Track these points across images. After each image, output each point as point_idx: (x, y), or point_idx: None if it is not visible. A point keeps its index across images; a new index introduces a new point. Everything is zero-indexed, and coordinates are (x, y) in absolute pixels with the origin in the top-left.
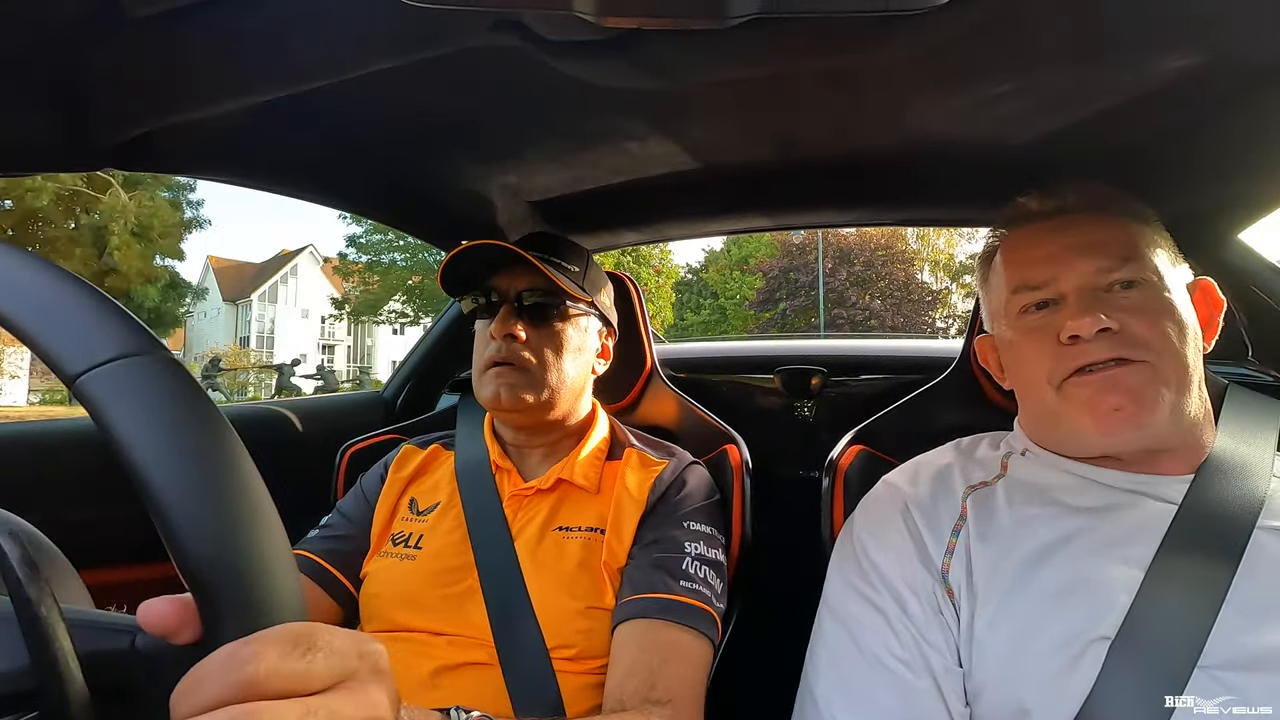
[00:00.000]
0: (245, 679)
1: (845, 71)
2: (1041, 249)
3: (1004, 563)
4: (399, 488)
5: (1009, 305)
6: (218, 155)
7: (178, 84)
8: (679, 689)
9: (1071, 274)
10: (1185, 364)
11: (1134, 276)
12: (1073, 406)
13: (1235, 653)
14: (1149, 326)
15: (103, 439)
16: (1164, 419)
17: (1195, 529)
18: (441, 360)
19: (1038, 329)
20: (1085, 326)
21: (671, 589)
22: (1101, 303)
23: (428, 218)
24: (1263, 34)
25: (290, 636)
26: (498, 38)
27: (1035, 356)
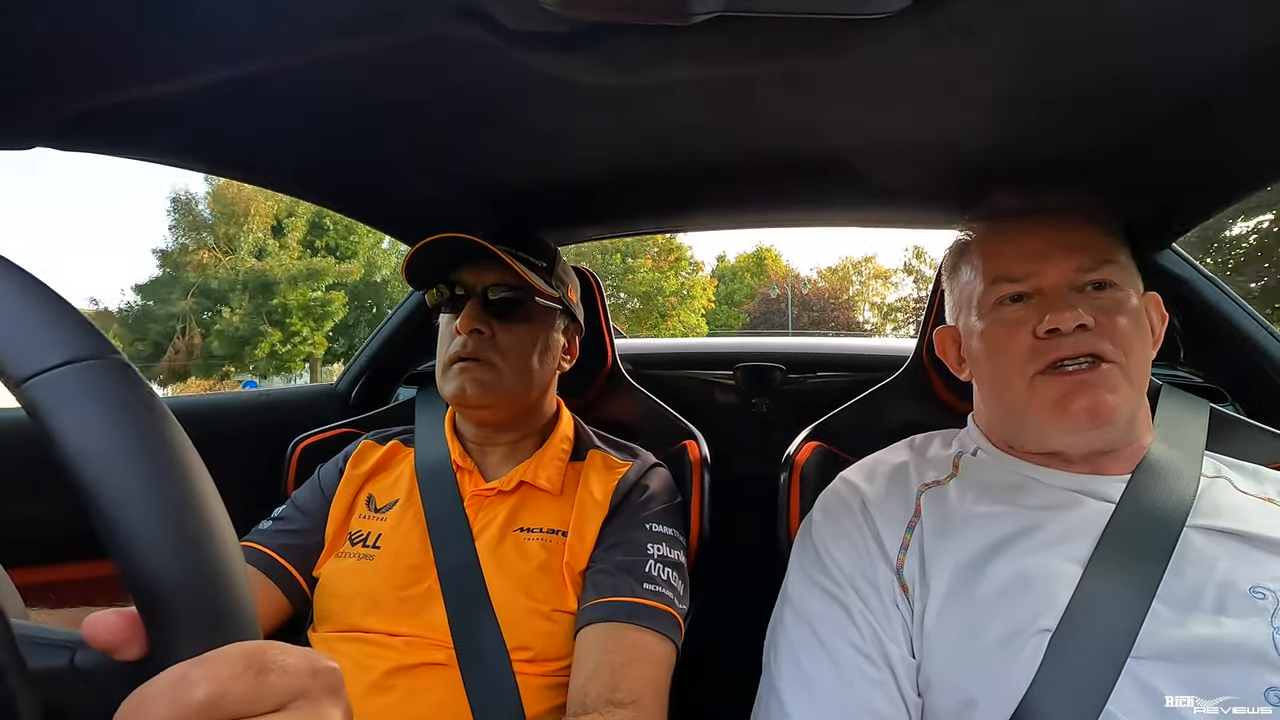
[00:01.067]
0: (196, 702)
1: (805, 74)
2: (1023, 244)
3: (954, 559)
4: (357, 483)
5: (984, 296)
6: (162, 137)
7: (118, 60)
8: (642, 690)
9: (1052, 270)
10: (1144, 368)
11: (1107, 278)
12: (1041, 402)
13: (1163, 645)
14: (1120, 327)
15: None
16: (1123, 421)
17: (1130, 527)
18: (399, 353)
19: (1014, 321)
20: (1065, 320)
21: (635, 592)
22: (1077, 300)
23: (388, 209)
24: (1196, 54)
25: (242, 656)
26: (458, 25)
27: (1009, 348)
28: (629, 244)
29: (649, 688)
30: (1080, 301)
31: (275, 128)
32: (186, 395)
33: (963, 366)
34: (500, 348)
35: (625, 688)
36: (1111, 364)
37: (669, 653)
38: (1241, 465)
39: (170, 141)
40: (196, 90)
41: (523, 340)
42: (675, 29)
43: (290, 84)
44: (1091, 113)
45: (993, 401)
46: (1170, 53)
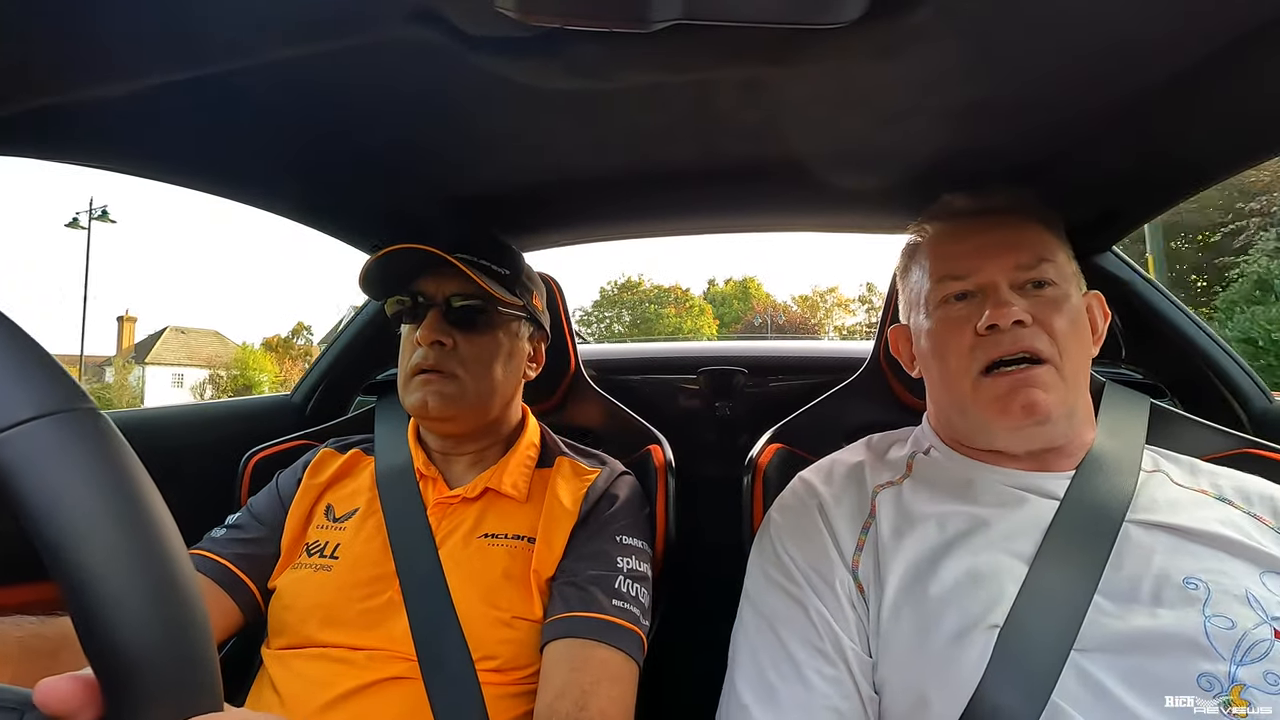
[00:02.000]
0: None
1: (762, 81)
2: (967, 243)
3: (907, 558)
4: (315, 493)
5: (931, 294)
6: (106, 142)
7: (60, 61)
8: (610, 710)
9: (993, 267)
10: (1082, 366)
11: (1046, 277)
12: (984, 400)
13: (1105, 637)
14: (1056, 325)
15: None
16: (1061, 418)
17: (1074, 523)
18: (356, 362)
19: (958, 319)
20: (1003, 317)
21: (604, 609)
22: (1017, 298)
23: (345, 217)
24: (1134, 62)
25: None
26: (416, 30)
27: (954, 346)
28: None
29: (617, 708)
30: (1019, 299)
31: (222, 133)
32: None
33: (914, 363)
34: (463, 359)
35: (594, 707)
36: (1047, 363)
37: (634, 672)
38: (1178, 459)
39: (116, 148)
40: (139, 94)
41: (486, 351)
42: (634, 35)
43: (243, 87)
44: (1036, 119)
45: (941, 397)
46: (1109, 61)
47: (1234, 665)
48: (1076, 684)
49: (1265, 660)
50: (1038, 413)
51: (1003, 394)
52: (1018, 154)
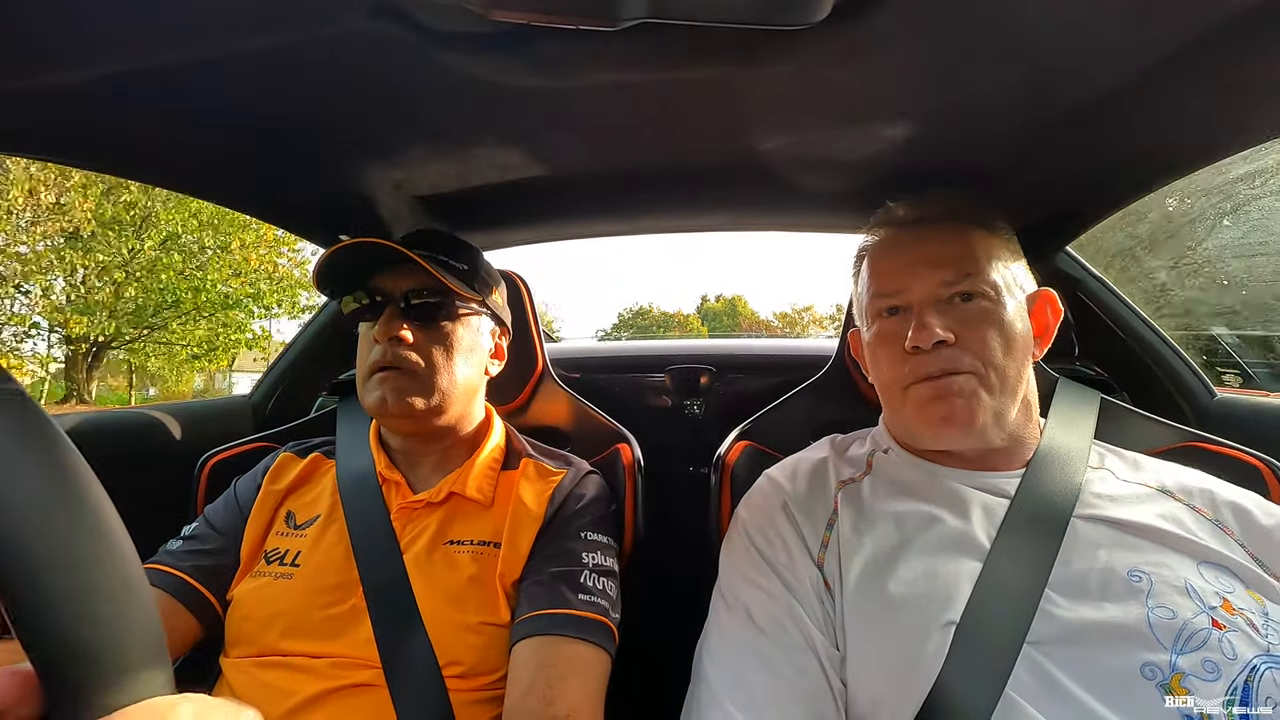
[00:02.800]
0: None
1: (728, 81)
2: (898, 258)
3: (868, 555)
4: (275, 500)
5: (869, 307)
6: (56, 134)
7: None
8: (578, 703)
9: (919, 285)
10: (1011, 373)
11: (972, 289)
12: (911, 407)
13: (1055, 630)
14: (980, 338)
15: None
16: (988, 423)
17: (1025, 519)
18: (317, 362)
19: (890, 335)
20: (923, 339)
21: (570, 603)
22: (941, 314)
23: (302, 211)
24: (1084, 68)
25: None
26: (379, 24)
27: (886, 359)
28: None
29: (585, 701)
30: (944, 315)
31: (179, 124)
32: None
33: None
34: (421, 354)
35: (561, 702)
36: (968, 374)
37: (604, 663)
38: (1123, 454)
39: (66, 140)
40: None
41: (445, 345)
42: (600, 33)
43: (198, 78)
44: (991, 123)
45: (885, 405)
46: (1061, 67)
47: (1174, 654)
48: (1029, 676)
49: (1203, 649)
50: (955, 422)
51: (924, 402)
52: (974, 156)
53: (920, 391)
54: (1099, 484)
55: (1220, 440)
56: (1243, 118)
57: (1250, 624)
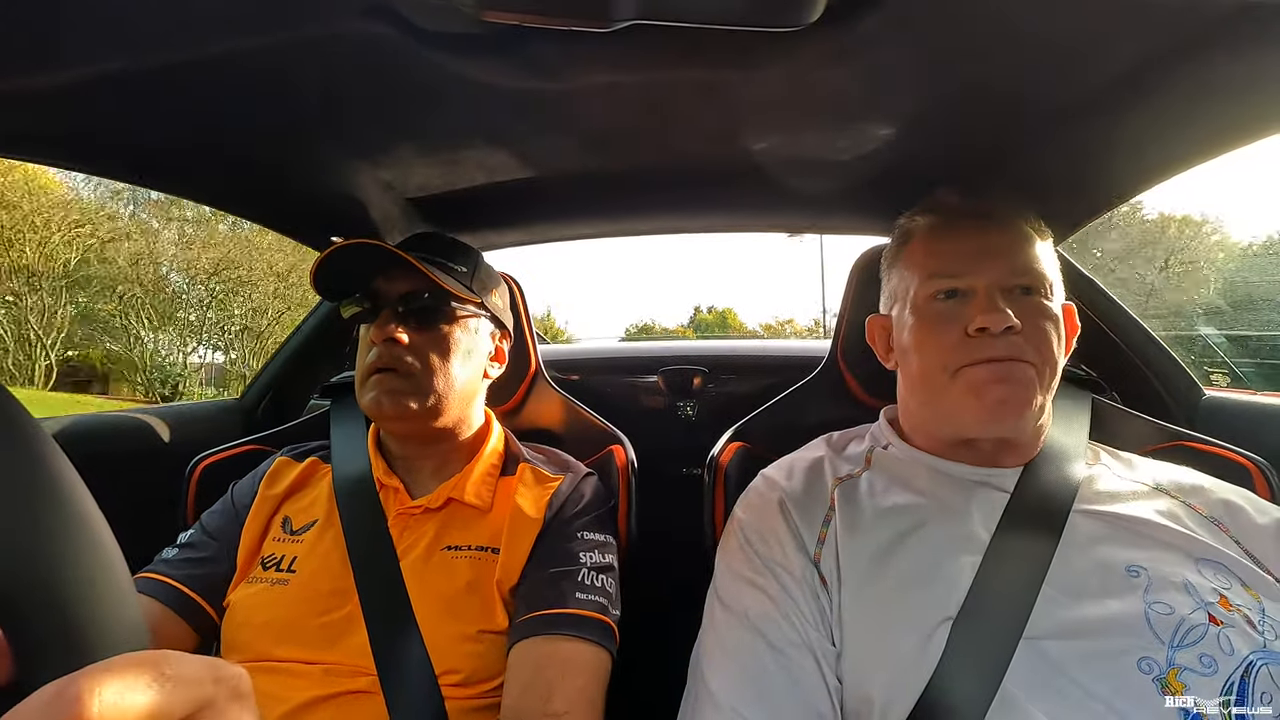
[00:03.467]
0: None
1: (720, 83)
2: (963, 243)
3: (865, 551)
4: (271, 505)
5: (920, 289)
6: (42, 135)
7: None
8: (576, 701)
9: (988, 270)
10: (1057, 372)
11: (1034, 284)
12: (961, 390)
13: (1053, 625)
14: (1043, 333)
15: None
16: (1032, 417)
17: (1024, 515)
18: (310, 364)
19: (945, 316)
20: (996, 321)
21: (568, 602)
22: (1008, 302)
23: (296, 214)
24: (1071, 71)
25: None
26: (369, 24)
27: (938, 342)
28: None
29: (583, 698)
30: (1009, 304)
31: (170, 125)
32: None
33: (890, 356)
34: (419, 356)
35: (560, 699)
36: (1030, 365)
37: (603, 660)
38: (1118, 453)
39: (54, 141)
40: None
41: (442, 347)
42: (592, 34)
43: (189, 78)
44: (981, 123)
45: (915, 391)
46: (1050, 67)
47: (1171, 649)
48: (1026, 670)
49: (1200, 644)
50: (1012, 409)
51: (982, 382)
52: (965, 157)
53: (977, 373)
54: (1097, 481)
55: (1210, 440)
56: (1230, 118)
57: (1247, 620)
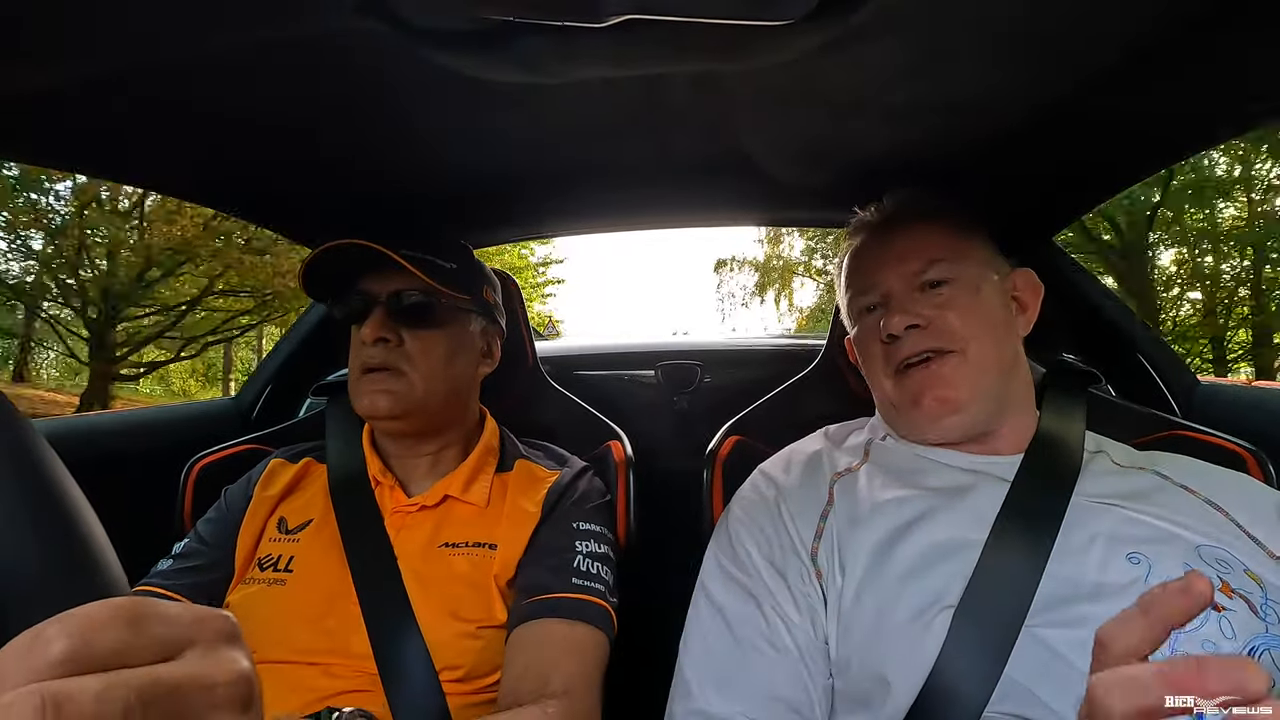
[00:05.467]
0: (54, 657)
1: (713, 76)
2: (868, 257)
3: (865, 543)
4: (268, 506)
5: (850, 309)
6: (26, 134)
7: None
8: (573, 682)
9: (889, 277)
10: (995, 349)
11: (941, 276)
12: (905, 399)
13: (1055, 613)
14: (957, 318)
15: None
16: (982, 400)
17: (1024, 503)
18: (305, 363)
19: (870, 330)
20: (896, 325)
21: (565, 587)
22: (913, 302)
23: (286, 212)
24: (1065, 61)
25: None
26: (361, 20)
27: (871, 353)
28: None
29: (580, 680)
30: (917, 302)
31: (154, 126)
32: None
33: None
34: (410, 355)
35: (556, 681)
36: (950, 353)
37: (601, 643)
38: (1115, 444)
39: (38, 140)
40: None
41: (434, 345)
42: (585, 29)
43: (178, 76)
44: (972, 117)
45: (876, 397)
46: (1041, 62)
47: (1174, 635)
48: (1029, 657)
49: (1202, 630)
50: (948, 402)
51: (915, 391)
52: (956, 149)
53: (908, 382)
54: (1096, 469)
55: (1205, 429)
56: (1220, 110)
57: (1249, 606)
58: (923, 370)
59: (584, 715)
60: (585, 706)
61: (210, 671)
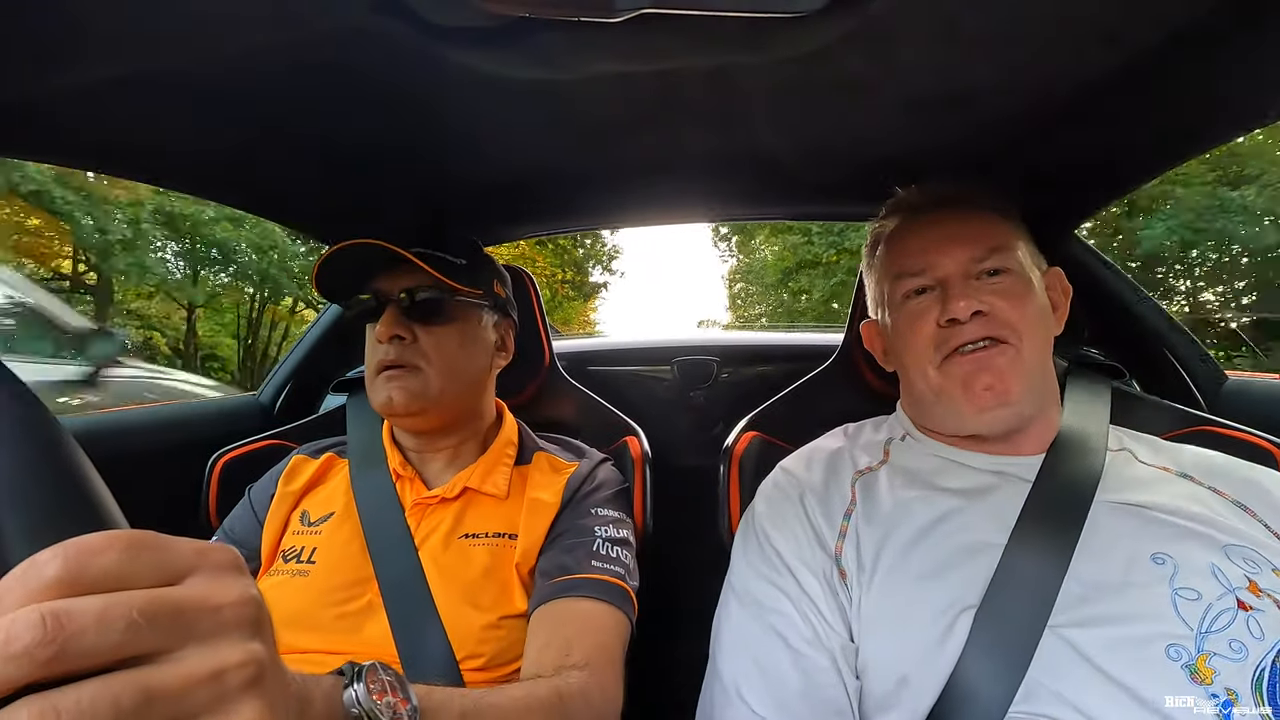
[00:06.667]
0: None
1: (728, 71)
2: (921, 238)
3: (886, 544)
4: (290, 502)
5: (892, 291)
6: (54, 136)
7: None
8: (594, 654)
9: (947, 261)
10: (1042, 346)
11: (1000, 265)
12: (951, 385)
13: (1079, 614)
14: (1014, 310)
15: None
16: (1028, 397)
17: (1046, 504)
18: (325, 359)
19: (919, 313)
20: (961, 310)
21: (584, 569)
22: (973, 288)
23: (303, 209)
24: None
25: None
26: (379, 19)
27: (917, 339)
28: None
29: (601, 653)
30: (976, 289)
31: (178, 126)
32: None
33: (888, 358)
34: (424, 351)
35: (577, 654)
36: (1007, 344)
37: (621, 622)
38: (1141, 437)
39: (63, 142)
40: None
41: (447, 341)
42: (600, 25)
43: (197, 78)
44: (993, 108)
45: (911, 390)
46: (1063, 52)
47: (1200, 635)
48: (1052, 659)
49: (1229, 629)
50: (1000, 393)
51: (966, 377)
52: (977, 142)
53: (961, 366)
54: (1120, 467)
55: (1232, 424)
56: (1248, 99)
57: (1277, 604)
58: (978, 356)
59: (604, 688)
60: (606, 679)
61: (214, 593)
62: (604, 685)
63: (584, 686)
